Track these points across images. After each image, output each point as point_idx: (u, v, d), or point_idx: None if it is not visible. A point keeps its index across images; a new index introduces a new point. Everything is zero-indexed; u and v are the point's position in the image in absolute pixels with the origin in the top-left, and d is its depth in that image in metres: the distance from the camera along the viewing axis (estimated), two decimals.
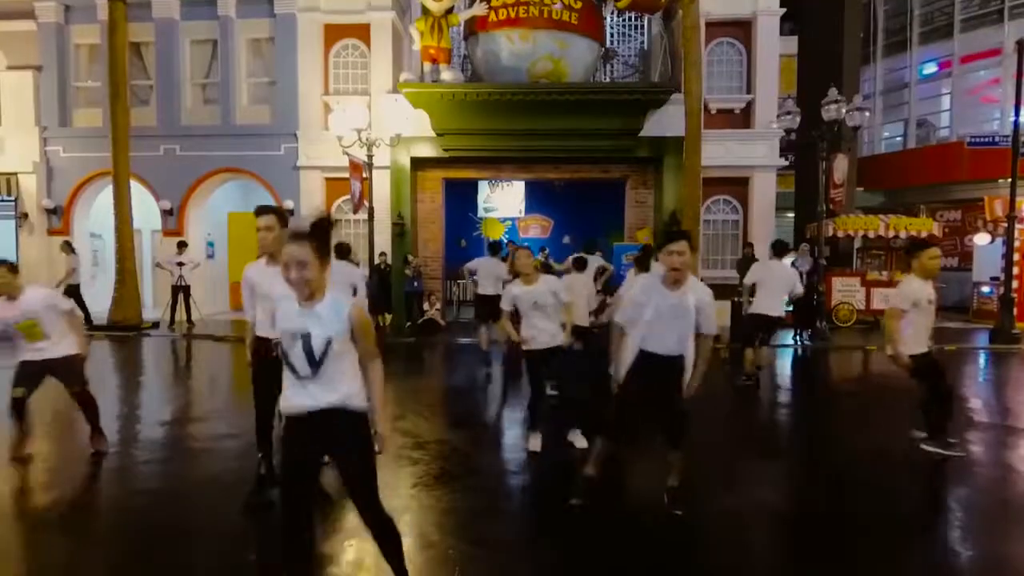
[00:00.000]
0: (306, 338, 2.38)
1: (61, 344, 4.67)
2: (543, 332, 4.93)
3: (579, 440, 5.00)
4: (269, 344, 3.50)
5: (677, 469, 3.85)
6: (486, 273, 8.82)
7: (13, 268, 4.55)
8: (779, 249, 7.28)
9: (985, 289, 13.94)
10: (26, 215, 13.71)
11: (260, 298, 3.65)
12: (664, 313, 3.52)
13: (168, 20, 13.33)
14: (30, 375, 4.65)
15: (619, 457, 4.25)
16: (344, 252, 8.32)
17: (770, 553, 3.46)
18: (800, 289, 7.28)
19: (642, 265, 6.94)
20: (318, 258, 2.37)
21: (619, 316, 3.79)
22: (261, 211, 3.77)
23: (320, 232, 2.40)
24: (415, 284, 12.50)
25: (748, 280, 7.26)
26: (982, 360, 9.72)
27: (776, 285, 6.96)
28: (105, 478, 4.40)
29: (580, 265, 7.14)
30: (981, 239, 14.43)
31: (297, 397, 2.43)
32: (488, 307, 8.33)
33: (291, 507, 2.47)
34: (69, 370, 4.74)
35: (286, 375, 2.45)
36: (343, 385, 2.43)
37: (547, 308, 4.91)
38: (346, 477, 2.51)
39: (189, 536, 3.52)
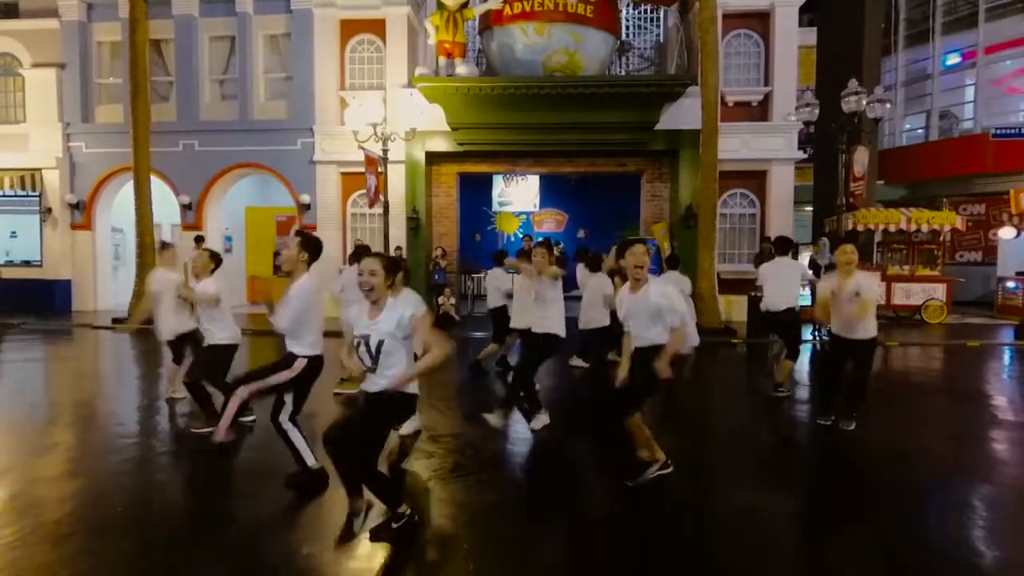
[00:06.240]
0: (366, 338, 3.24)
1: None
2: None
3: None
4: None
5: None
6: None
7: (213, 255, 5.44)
8: (781, 246, 6.71)
9: (1010, 284, 13.67)
10: (50, 210, 13.97)
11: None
12: (632, 311, 4.11)
13: (187, 17, 13.46)
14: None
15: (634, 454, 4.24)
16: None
17: (786, 550, 3.43)
18: (811, 276, 7.13)
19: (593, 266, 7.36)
20: (385, 273, 3.21)
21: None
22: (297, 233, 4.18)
23: (391, 262, 3.31)
24: (436, 277, 12.57)
25: (759, 281, 6.88)
26: (1007, 357, 9.53)
27: (782, 279, 6.49)
28: (125, 468, 4.48)
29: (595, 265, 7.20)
30: (1006, 233, 14.13)
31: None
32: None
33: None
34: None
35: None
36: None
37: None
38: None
39: (203, 527, 3.58)
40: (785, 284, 6.48)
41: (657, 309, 3.96)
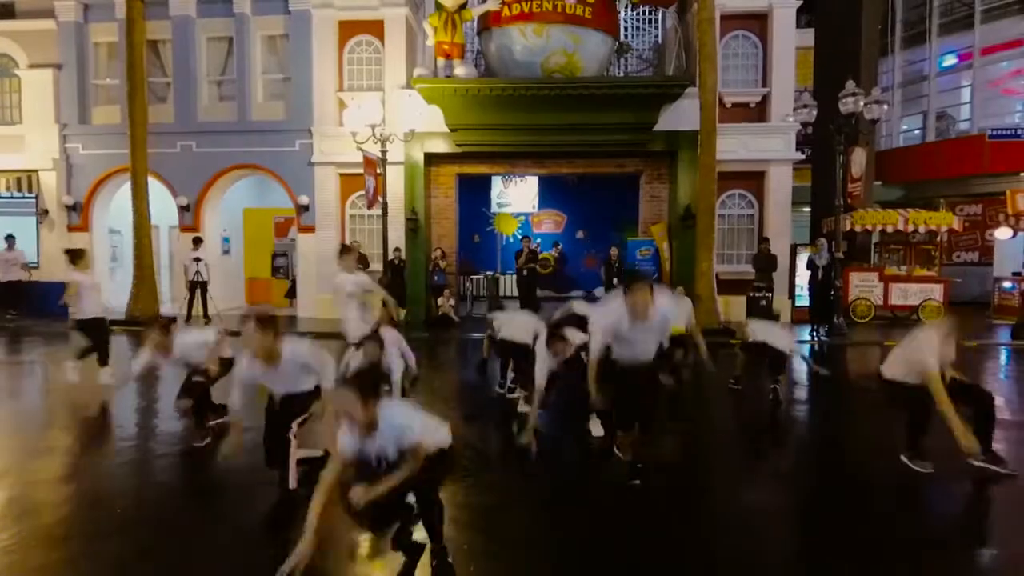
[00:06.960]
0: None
1: None
2: None
3: (596, 428, 5.04)
4: None
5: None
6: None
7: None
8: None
9: (1006, 284, 13.69)
10: (46, 212, 13.93)
11: None
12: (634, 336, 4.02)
13: (185, 18, 13.44)
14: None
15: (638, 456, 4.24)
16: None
17: (786, 550, 3.44)
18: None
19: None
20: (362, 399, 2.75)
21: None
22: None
23: (363, 380, 2.84)
24: (435, 279, 12.58)
25: (750, 335, 6.92)
26: (1003, 357, 9.56)
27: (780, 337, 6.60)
28: (123, 471, 4.47)
29: None
30: (1002, 233, 14.18)
31: None
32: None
33: None
34: None
35: None
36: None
37: None
38: None
39: (201, 529, 3.56)
40: (781, 339, 6.57)
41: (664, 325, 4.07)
